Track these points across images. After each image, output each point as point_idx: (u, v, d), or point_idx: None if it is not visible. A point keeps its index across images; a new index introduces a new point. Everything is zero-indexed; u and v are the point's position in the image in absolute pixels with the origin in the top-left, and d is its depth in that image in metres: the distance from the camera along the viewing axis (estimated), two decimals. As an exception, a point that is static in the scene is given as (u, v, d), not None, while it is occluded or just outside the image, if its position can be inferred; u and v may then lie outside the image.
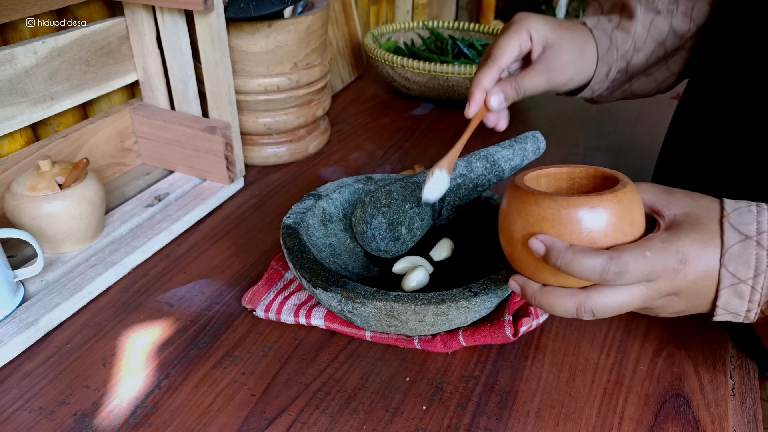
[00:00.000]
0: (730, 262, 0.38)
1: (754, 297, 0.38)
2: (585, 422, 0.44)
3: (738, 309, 0.40)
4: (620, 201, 0.39)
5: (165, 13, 0.68)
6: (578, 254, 0.38)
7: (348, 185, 0.61)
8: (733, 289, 0.39)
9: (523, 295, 0.43)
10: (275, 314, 0.53)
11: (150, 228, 0.64)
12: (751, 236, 0.38)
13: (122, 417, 0.44)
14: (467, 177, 0.58)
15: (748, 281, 0.38)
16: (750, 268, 0.38)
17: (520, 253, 0.42)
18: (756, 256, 0.38)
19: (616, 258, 0.37)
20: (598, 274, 0.37)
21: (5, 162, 0.61)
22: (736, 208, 0.40)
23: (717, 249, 0.39)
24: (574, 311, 0.40)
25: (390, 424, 0.44)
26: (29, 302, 0.53)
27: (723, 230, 0.39)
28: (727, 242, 0.38)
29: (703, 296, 0.40)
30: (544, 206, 0.39)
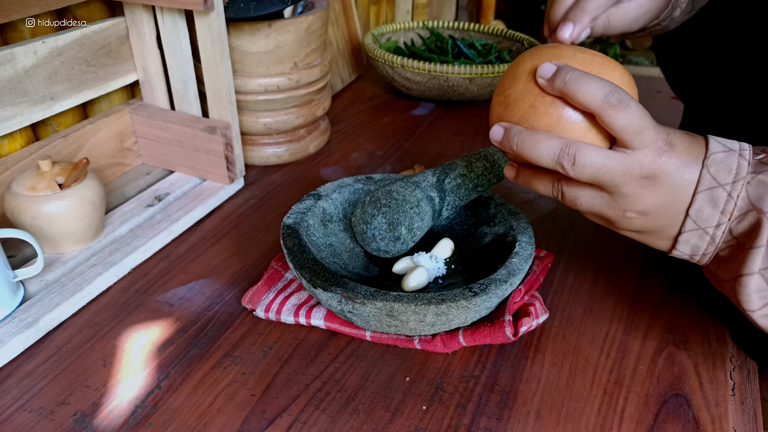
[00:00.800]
0: (712, 165, 0.38)
1: (728, 206, 0.38)
2: (585, 422, 0.44)
3: (709, 222, 0.39)
4: (629, 75, 0.42)
5: (165, 13, 0.68)
6: (587, 74, 0.38)
7: (348, 185, 0.61)
8: (710, 193, 0.38)
9: (506, 137, 0.41)
10: (275, 314, 0.53)
11: (150, 228, 0.64)
12: (734, 149, 0.39)
13: (122, 417, 0.44)
14: (467, 177, 0.58)
15: (726, 186, 0.38)
16: (731, 173, 0.38)
17: (518, 92, 0.41)
18: (738, 164, 0.38)
19: (622, 90, 0.37)
20: (603, 96, 0.37)
21: (5, 162, 0.61)
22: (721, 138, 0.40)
23: (702, 151, 0.39)
24: (557, 152, 0.39)
25: (390, 424, 0.44)
26: (29, 302, 0.53)
27: (708, 142, 0.39)
28: (712, 149, 0.39)
29: (677, 195, 0.39)
30: (561, 48, 0.41)
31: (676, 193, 0.39)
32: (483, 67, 0.92)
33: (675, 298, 0.57)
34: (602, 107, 0.37)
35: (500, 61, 1.06)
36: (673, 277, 0.59)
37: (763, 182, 0.37)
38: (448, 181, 0.57)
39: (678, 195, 0.39)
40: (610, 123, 0.38)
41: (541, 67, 0.39)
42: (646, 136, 0.38)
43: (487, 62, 1.04)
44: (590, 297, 0.57)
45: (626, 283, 0.59)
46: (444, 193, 0.57)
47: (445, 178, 0.57)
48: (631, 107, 0.37)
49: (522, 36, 1.10)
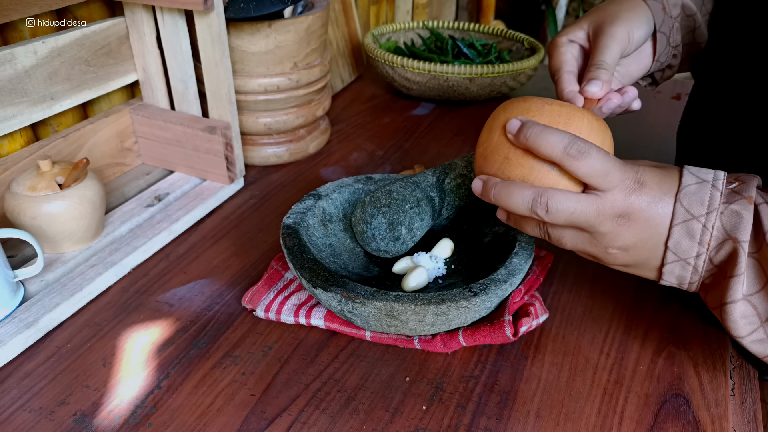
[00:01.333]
0: (684, 198, 0.39)
1: (704, 237, 0.39)
2: (585, 422, 0.44)
3: (688, 253, 0.40)
4: (598, 122, 0.44)
5: (165, 13, 0.68)
6: (548, 128, 0.40)
7: (348, 185, 0.61)
8: (686, 226, 0.39)
9: (484, 189, 0.44)
10: (275, 314, 0.53)
11: (150, 228, 0.64)
12: (707, 180, 0.40)
13: (122, 417, 0.44)
14: (467, 177, 0.58)
15: (701, 218, 0.39)
16: (704, 204, 0.39)
17: (494, 145, 0.44)
18: (710, 195, 0.39)
19: (582, 140, 0.40)
20: (563, 148, 0.39)
21: (5, 162, 0.61)
22: (696, 168, 0.41)
23: (675, 185, 0.40)
24: (529, 202, 0.41)
25: (390, 424, 0.44)
26: (29, 302, 0.53)
27: (682, 174, 0.41)
28: (685, 182, 0.40)
29: (653, 229, 0.40)
30: (530, 101, 0.44)
31: (652, 227, 0.40)
32: (483, 67, 0.92)
33: (675, 298, 0.57)
34: (563, 158, 0.40)
35: (500, 61, 1.06)
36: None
37: (735, 212, 0.38)
38: (448, 181, 0.57)
39: (655, 229, 0.40)
40: (573, 171, 0.40)
41: (509, 123, 0.42)
42: (613, 178, 0.40)
43: (487, 62, 1.04)
44: (590, 297, 0.57)
45: (626, 283, 0.58)
46: (444, 193, 0.57)
47: (445, 178, 0.57)
48: (591, 155, 0.39)
49: (522, 36, 1.10)
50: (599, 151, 0.40)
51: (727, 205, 0.39)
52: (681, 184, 0.40)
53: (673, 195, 0.40)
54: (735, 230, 0.38)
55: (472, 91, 0.96)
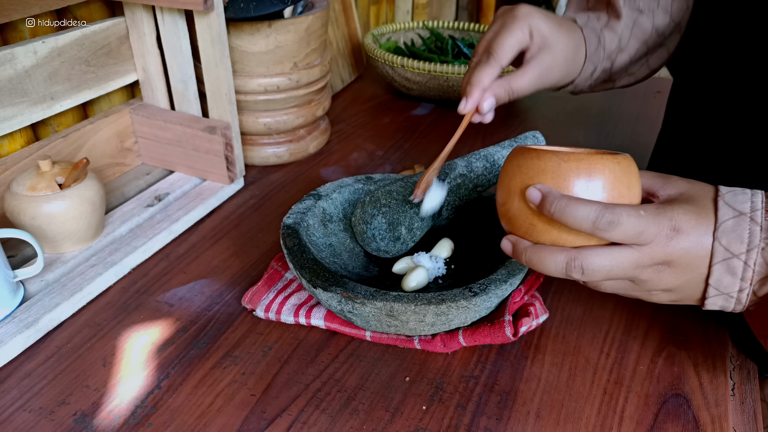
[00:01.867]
0: (723, 236, 0.38)
1: (746, 274, 0.38)
2: (585, 422, 0.44)
3: (730, 288, 0.39)
4: (620, 163, 0.40)
5: (165, 13, 0.68)
6: (573, 201, 0.38)
7: (348, 185, 0.61)
8: (726, 264, 0.39)
9: (514, 252, 0.42)
10: (275, 314, 0.53)
11: (150, 228, 0.64)
12: (744, 212, 0.38)
13: (122, 417, 0.44)
14: (467, 177, 0.58)
15: (741, 256, 0.38)
16: (743, 242, 0.38)
17: (516, 209, 0.42)
18: (749, 231, 0.38)
19: (610, 209, 0.38)
20: (591, 222, 0.38)
21: (5, 162, 0.61)
22: (731, 190, 0.40)
23: (711, 223, 0.39)
24: (563, 266, 0.40)
25: (390, 424, 0.44)
26: (29, 302, 0.53)
27: (717, 207, 0.39)
28: (721, 217, 0.38)
29: (695, 270, 0.40)
30: (545, 159, 0.41)
31: (693, 269, 0.40)
32: (483, 67, 0.92)
33: (675, 298, 0.57)
34: (594, 231, 0.39)
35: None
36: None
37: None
38: (448, 181, 0.57)
39: (696, 270, 0.40)
40: (607, 239, 0.39)
41: (528, 192, 0.40)
42: (648, 235, 0.39)
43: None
44: (590, 297, 0.57)
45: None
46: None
47: (445, 178, 0.57)
48: (622, 224, 0.38)
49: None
50: (629, 214, 0.38)
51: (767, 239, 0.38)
52: (717, 220, 0.39)
53: (711, 233, 0.39)
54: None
55: (472, 91, 0.96)
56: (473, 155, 0.59)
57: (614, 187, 0.40)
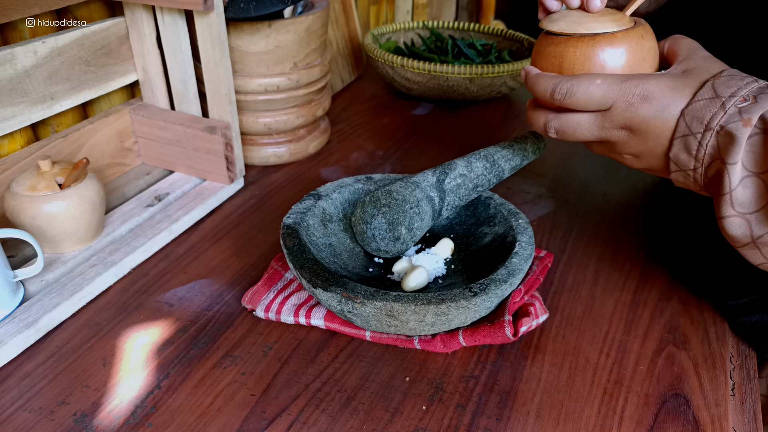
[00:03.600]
0: (689, 114, 0.40)
1: (699, 153, 0.40)
2: (585, 422, 0.44)
3: (686, 165, 0.41)
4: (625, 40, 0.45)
5: (165, 13, 0.68)
6: (538, 77, 0.45)
7: (348, 185, 0.61)
8: (684, 140, 0.41)
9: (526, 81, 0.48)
10: (275, 314, 0.53)
11: (150, 228, 0.64)
12: (721, 96, 0.39)
13: (122, 417, 0.44)
14: (467, 177, 0.58)
15: (698, 135, 0.40)
16: (702, 123, 0.40)
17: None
18: (712, 114, 0.39)
19: (566, 80, 0.43)
20: (550, 93, 0.44)
21: (5, 162, 0.61)
22: (731, 75, 0.41)
23: (686, 99, 0.41)
24: (542, 125, 0.47)
25: (390, 424, 0.44)
26: (29, 302, 0.53)
27: (702, 87, 0.41)
28: (698, 96, 0.40)
29: (654, 140, 0.42)
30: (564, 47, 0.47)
31: (652, 138, 0.43)
32: (483, 67, 0.92)
33: (675, 298, 0.57)
34: (555, 101, 0.45)
35: (500, 61, 1.06)
36: (673, 277, 0.59)
37: (729, 133, 0.38)
38: (448, 181, 0.57)
39: (656, 139, 0.42)
40: (569, 107, 0.44)
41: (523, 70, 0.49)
42: (608, 100, 0.42)
43: (487, 62, 1.04)
44: (590, 297, 0.57)
45: (626, 283, 0.59)
46: (444, 193, 0.57)
47: (445, 178, 0.57)
48: (575, 93, 0.43)
49: (522, 36, 1.10)
50: (582, 83, 0.43)
51: (725, 125, 0.39)
52: (694, 99, 0.40)
53: (680, 109, 0.41)
54: (724, 151, 0.39)
55: (472, 91, 0.96)
56: (473, 155, 0.59)
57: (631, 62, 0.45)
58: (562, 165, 0.81)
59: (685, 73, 0.42)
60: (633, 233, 0.66)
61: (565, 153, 0.84)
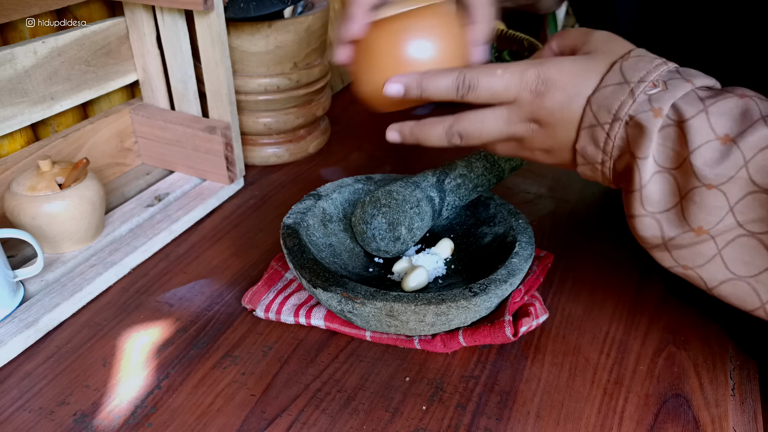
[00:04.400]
0: (595, 101, 0.36)
1: (607, 145, 0.36)
2: (585, 422, 0.44)
3: (594, 158, 0.38)
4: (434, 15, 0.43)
5: (165, 13, 0.68)
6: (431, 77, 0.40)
7: (348, 185, 0.61)
8: (591, 131, 0.37)
9: (401, 135, 0.44)
10: (275, 314, 0.53)
11: (150, 228, 0.64)
12: (630, 81, 0.36)
13: (122, 417, 0.44)
14: (467, 177, 0.58)
15: (605, 126, 0.36)
16: (610, 112, 0.36)
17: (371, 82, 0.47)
18: (621, 102, 0.35)
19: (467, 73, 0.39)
20: (454, 91, 0.39)
21: (5, 162, 0.61)
22: (641, 55, 0.37)
23: (591, 85, 0.37)
24: (444, 136, 0.42)
25: (390, 424, 0.44)
26: (29, 302, 0.53)
27: (610, 70, 0.37)
28: (605, 82, 0.36)
29: (563, 132, 0.38)
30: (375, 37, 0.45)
31: (561, 129, 0.39)
32: (483, 67, 0.92)
33: (675, 298, 0.57)
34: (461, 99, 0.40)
35: (500, 61, 1.06)
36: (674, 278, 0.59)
37: (638, 124, 0.35)
38: (448, 181, 0.57)
39: (564, 131, 0.39)
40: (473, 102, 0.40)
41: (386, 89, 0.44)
42: (511, 92, 0.38)
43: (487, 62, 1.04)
44: (590, 297, 0.57)
45: (626, 283, 0.58)
46: (444, 193, 0.57)
47: (445, 178, 0.57)
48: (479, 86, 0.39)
49: (522, 36, 1.10)
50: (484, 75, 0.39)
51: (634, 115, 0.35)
52: (600, 84, 0.36)
53: (586, 97, 0.37)
54: (633, 144, 0.36)
55: (472, 91, 0.96)
56: (473, 155, 0.59)
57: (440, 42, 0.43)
58: (562, 165, 0.81)
59: (590, 56, 0.38)
60: (633, 233, 0.66)
61: (565, 153, 0.84)
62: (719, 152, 0.34)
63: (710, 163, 0.34)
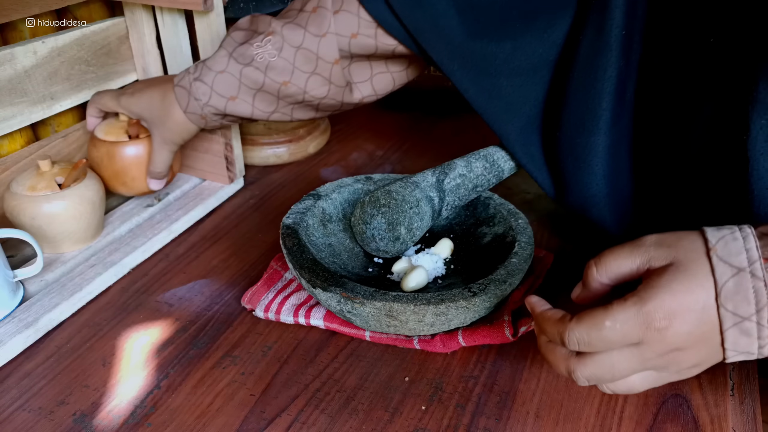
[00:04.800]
0: (727, 301, 0.35)
1: (762, 332, 0.35)
2: (584, 422, 0.44)
3: (749, 347, 0.36)
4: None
5: (165, 13, 0.68)
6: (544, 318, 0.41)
7: (347, 185, 0.61)
8: (738, 328, 0.36)
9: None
10: (275, 314, 0.53)
11: (150, 228, 0.64)
12: (743, 268, 0.35)
13: (122, 417, 0.44)
14: (467, 177, 0.58)
15: (752, 317, 0.35)
16: (750, 303, 0.35)
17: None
18: (754, 289, 0.35)
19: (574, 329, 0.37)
20: (560, 342, 0.38)
21: (5, 162, 0.61)
22: (721, 237, 0.37)
23: (710, 288, 0.36)
24: (565, 371, 0.39)
25: (389, 424, 0.44)
26: (29, 302, 0.53)
27: (713, 266, 0.36)
28: (720, 279, 0.35)
29: (708, 342, 0.37)
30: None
31: (705, 343, 0.37)
32: (483, 67, 0.92)
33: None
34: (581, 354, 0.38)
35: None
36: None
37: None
38: (447, 181, 0.57)
39: (709, 342, 0.37)
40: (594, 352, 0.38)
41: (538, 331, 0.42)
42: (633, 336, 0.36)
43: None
44: (590, 297, 0.57)
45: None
46: (443, 193, 0.57)
47: (445, 178, 0.57)
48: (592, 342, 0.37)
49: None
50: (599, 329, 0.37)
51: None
52: (717, 283, 0.35)
53: (713, 301, 0.35)
54: None
55: (472, 91, 0.96)
56: (473, 155, 0.59)
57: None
58: (562, 165, 0.81)
59: (680, 266, 0.37)
60: (633, 233, 0.66)
61: (564, 153, 0.84)
62: None
63: None
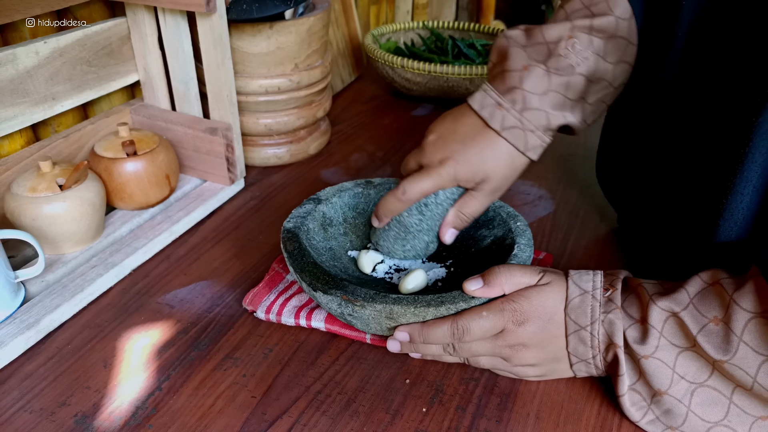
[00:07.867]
0: (572, 312, 0.45)
1: (594, 342, 0.44)
2: (585, 423, 0.45)
3: (585, 355, 0.45)
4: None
5: (167, 14, 0.68)
6: (429, 327, 0.46)
7: (348, 189, 0.61)
8: (577, 335, 0.45)
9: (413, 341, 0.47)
10: (276, 316, 0.53)
11: (150, 229, 0.64)
12: (587, 291, 0.45)
13: (123, 418, 0.45)
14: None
15: (587, 327, 0.44)
16: (587, 316, 0.44)
17: None
18: (591, 306, 0.45)
19: (458, 320, 0.45)
20: (450, 338, 0.46)
21: (6, 162, 0.61)
22: (577, 272, 0.47)
23: (562, 301, 0.46)
24: (450, 333, 0.46)
25: (390, 426, 0.44)
26: (30, 303, 0.53)
27: (568, 285, 0.46)
28: (570, 295, 0.45)
29: (549, 345, 0.46)
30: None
31: (551, 343, 0.46)
32: (483, 68, 0.92)
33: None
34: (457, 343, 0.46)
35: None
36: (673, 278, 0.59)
37: (611, 320, 0.44)
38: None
39: (551, 344, 0.46)
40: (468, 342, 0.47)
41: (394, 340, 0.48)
42: (496, 328, 0.45)
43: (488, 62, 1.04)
44: (590, 299, 0.57)
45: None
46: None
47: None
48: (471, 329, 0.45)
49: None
50: (473, 319, 0.45)
51: (605, 314, 0.44)
52: (567, 298, 0.45)
53: (563, 311, 0.45)
54: (613, 336, 0.44)
55: (472, 91, 0.96)
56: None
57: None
58: (562, 166, 0.81)
59: (550, 282, 0.46)
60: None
61: (564, 154, 0.84)
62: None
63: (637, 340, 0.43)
